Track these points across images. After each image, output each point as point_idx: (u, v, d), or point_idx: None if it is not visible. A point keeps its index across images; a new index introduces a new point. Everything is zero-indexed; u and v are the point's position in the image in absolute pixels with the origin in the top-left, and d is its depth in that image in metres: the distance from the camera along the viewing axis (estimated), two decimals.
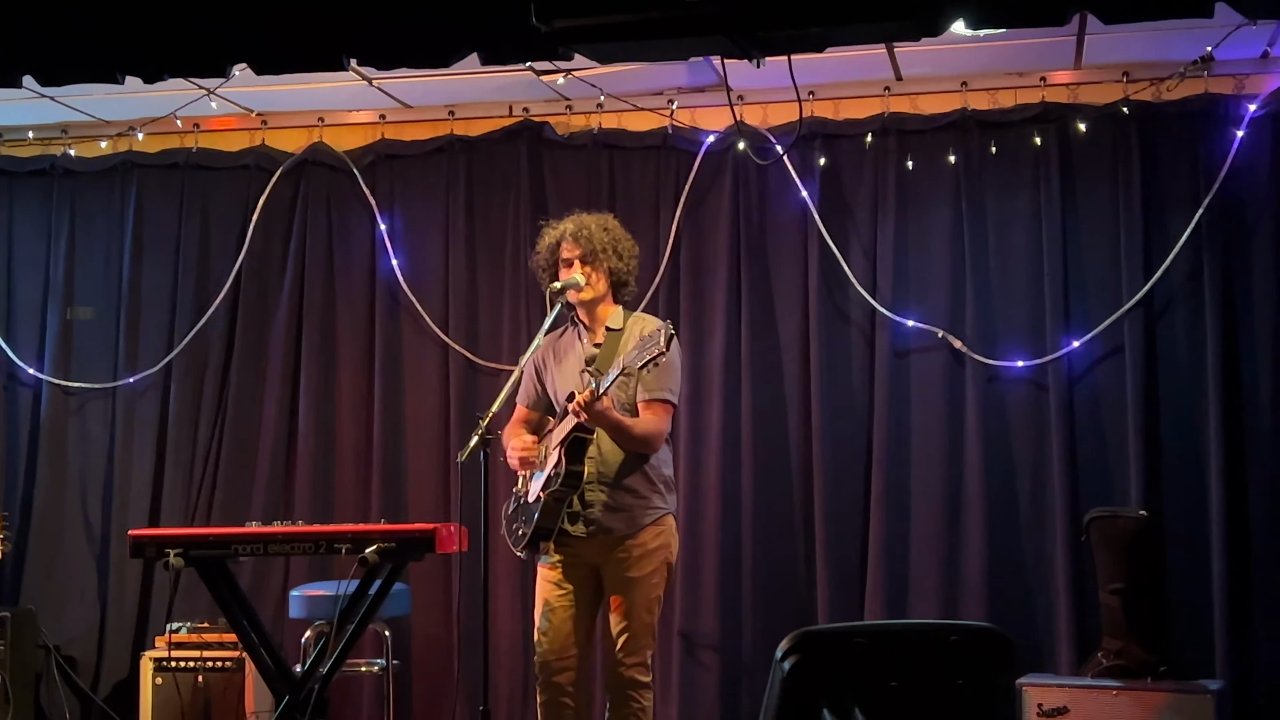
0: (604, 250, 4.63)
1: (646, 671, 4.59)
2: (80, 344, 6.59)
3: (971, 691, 3.01)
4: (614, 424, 4.46)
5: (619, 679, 4.56)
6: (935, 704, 3.00)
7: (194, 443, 6.41)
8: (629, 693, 4.55)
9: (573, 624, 4.60)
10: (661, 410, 4.58)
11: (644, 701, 4.58)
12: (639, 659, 4.56)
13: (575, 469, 4.49)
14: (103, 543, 6.46)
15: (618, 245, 4.68)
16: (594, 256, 4.62)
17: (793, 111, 5.91)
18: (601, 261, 4.64)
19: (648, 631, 4.59)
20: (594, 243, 4.62)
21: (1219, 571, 5.45)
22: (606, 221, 4.73)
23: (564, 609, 4.60)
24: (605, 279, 4.67)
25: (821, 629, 4.41)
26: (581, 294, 4.63)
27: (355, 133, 6.47)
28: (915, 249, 5.91)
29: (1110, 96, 5.72)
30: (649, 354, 4.12)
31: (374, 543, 4.30)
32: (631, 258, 4.75)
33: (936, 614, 5.66)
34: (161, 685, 5.82)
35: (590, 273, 4.63)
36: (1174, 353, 5.66)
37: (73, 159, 6.61)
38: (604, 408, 4.39)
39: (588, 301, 4.66)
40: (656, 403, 4.58)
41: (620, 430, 4.49)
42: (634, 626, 4.55)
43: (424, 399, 6.29)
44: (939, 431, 5.81)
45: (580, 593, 4.63)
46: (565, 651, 4.59)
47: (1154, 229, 5.67)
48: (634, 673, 4.55)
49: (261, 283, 6.47)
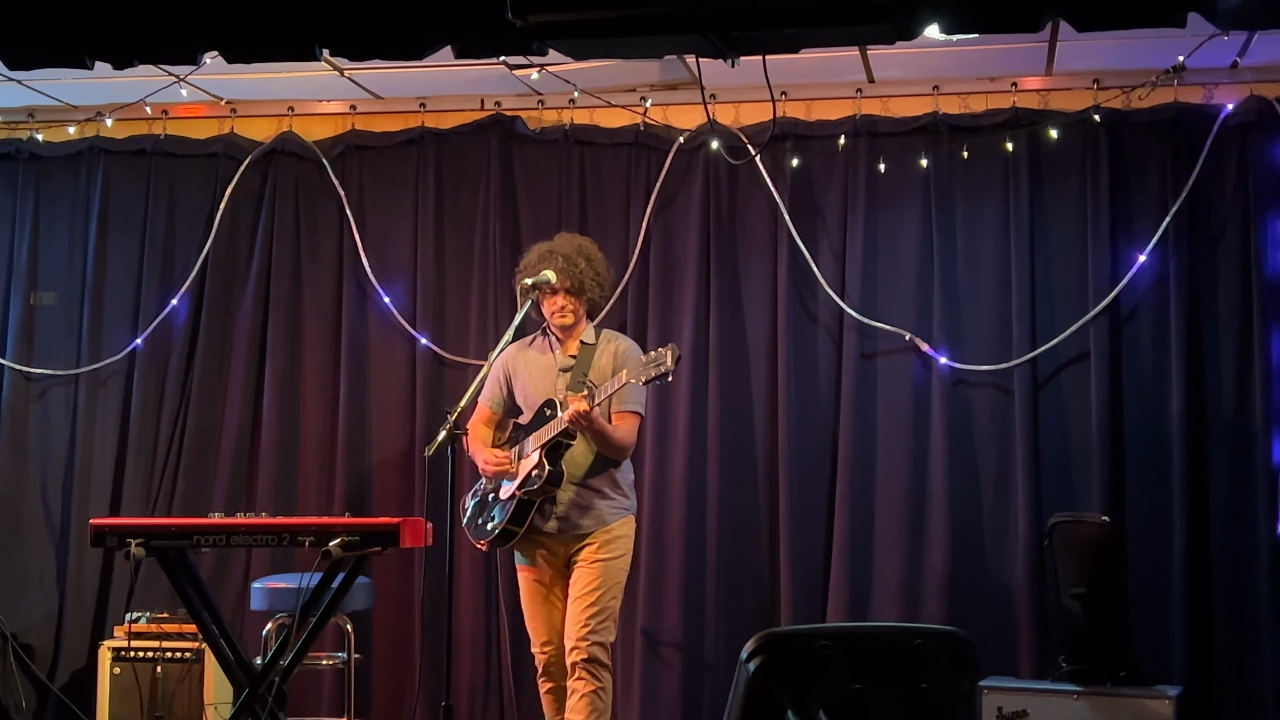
0: (590, 287, 4.95)
1: (608, 654, 4.83)
2: (43, 329, 6.53)
3: (936, 695, 2.98)
4: (600, 431, 4.73)
5: (585, 656, 4.75)
6: (899, 707, 2.97)
7: (156, 432, 6.36)
8: (593, 670, 4.76)
9: (562, 620, 4.85)
10: (634, 421, 4.90)
11: (605, 681, 4.80)
12: (603, 639, 4.80)
13: (556, 470, 4.75)
14: (62, 531, 6.40)
15: (599, 277, 5.00)
16: (580, 290, 4.92)
17: (765, 111, 5.94)
18: (586, 294, 4.92)
19: (612, 615, 4.85)
20: (582, 279, 4.92)
21: (1179, 577, 5.49)
22: (589, 250, 5.01)
23: (555, 610, 4.88)
24: (585, 305, 4.98)
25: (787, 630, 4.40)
26: (564, 319, 4.93)
27: (325, 123, 6.43)
28: (884, 252, 5.92)
29: (1081, 104, 5.74)
30: (655, 372, 4.44)
31: (338, 536, 4.32)
32: (610, 284, 5.13)
33: (899, 615, 5.68)
34: (120, 675, 5.78)
35: (575, 303, 4.92)
36: (1139, 359, 5.69)
37: (39, 143, 6.54)
38: (596, 415, 4.65)
39: (569, 326, 4.95)
40: (629, 414, 4.88)
41: (603, 437, 4.77)
42: (603, 607, 4.79)
43: (390, 392, 6.27)
44: (904, 434, 5.82)
45: (563, 590, 4.89)
46: (561, 648, 4.84)
47: (1121, 236, 5.70)
48: (598, 652, 4.77)
49: (228, 272, 6.42)
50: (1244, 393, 5.56)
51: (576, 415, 4.60)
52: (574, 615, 4.78)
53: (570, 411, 4.62)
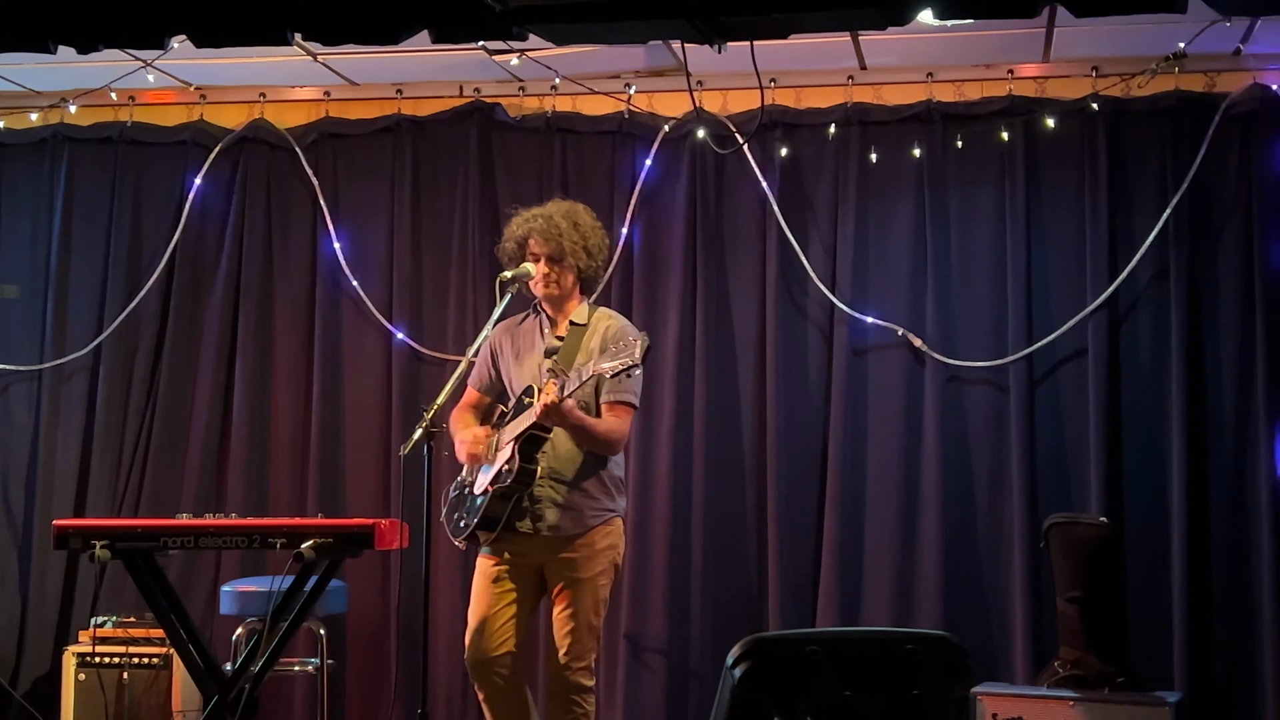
0: (573, 252, 4.57)
1: (590, 675, 4.55)
2: (4, 324, 6.38)
3: (927, 703, 2.96)
4: (576, 425, 4.40)
5: (563, 683, 4.50)
6: (890, 714, 2.95)
7: (123, 430, 6.23)
8: (572, 697, 4.51)
9: (510, 622, 4.53)
10: (624, 413, 4.54)
11: (587, 706, 4.54)
12: (583, 663, 4.51)
13: (528, 467, 4.43)
14: (25, 532, 6.25)
15: (587, 242, 4.62)
16: (561, 256, 4.56)
17: (753, 99, 5.82)
18: (570, 262, 4.57)
19: (593, 634, 4.55)
20: (562, 243, 4.55)
21: (1179, 581, 5.39)
22: (577, 215, 4.65)
23: (504, 602, 4.53)
24: (573, 275, 4.61)
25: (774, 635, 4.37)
26: (548, 290, 4.58)
27: (298, 110, 6.30)
28: (876, 244, 5.82)
29: (1079, 91, 5.64)
30: (622, 363, 4.10)
31: (311, 537, 4.23)
32: (601, 252, 4.70)
33: (890, 619, 5.58)
34: (84, 681, 5.68)
35: (556, 271, 4.56)
36: (1138, 356, 5.60)
37: (0, 130, 6.38)
38: (569, 408, 4.32)
39: (554, 298, 4.61)
40: (620, 405, 4.54)
41: (583, 431, 4.43)
42: (579, 629, 4.50)
43: (365, 388, 6.14)
44: (896, 432, 5.72)
45: (522, 590, 4.57)
46: (499, 649, 4.51)
47: (1120, 229, 5.61)
48: (578, 676, 4.51)
49: (197, 264, 6.28)
50: (1246, 391, 5.47)
51: (546, 408, 4.26)
52: (552, 645, 4.53)
53: (539, 404, 4.29)
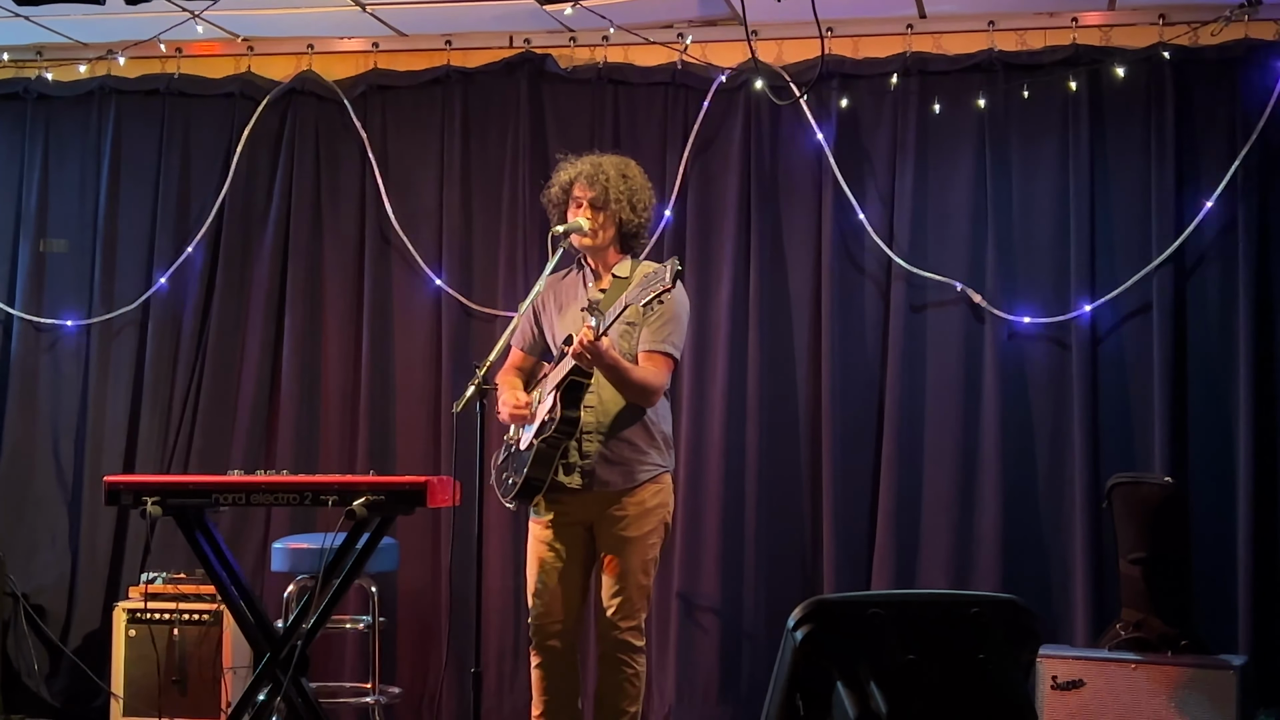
0: (618, 200, 4.48)
1: (640, 635, 4.49)
2: (53, 278, 6.34)
3: (993, 667, 2.89)
4: (612, 365, 4.26)
5: (612, 643, 4.45)
6: (954, 678, 2.88)
7: (172, 385, 6.19)
8: (621, 656, 4.45)
9: (565, 585, 4.48)
10: (663, 363, 4.43)
11: (637, 666, 4.48)
12: (633, 622, 4.45)
13: (571, 414, 4.33)
14: (74, 488, 6.24)
15: (634, 196, 4.52)
16: (605, 203, 4.47)
17: (808, 49, 5.70)
18: (613, 210, 4.48)
19: (643, 594, 4.48)
20: (608, 190, 4.46)
21: (1245, 542, 5.29)
22: (628, 168, 4.56)
23: (556, 570, 4.48)
24: (614, 228, 4.52)
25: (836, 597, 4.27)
26: (585, 239, 4.48)
27: (346, 61, 6.21)
28: (935, 197, 5.70)
29: (1145, 40, 5.49)
30: (652, 290, 3.95)
31: (362, 495, 4.18)
32: (646, 210, 4.58)
33: (948, 581, 5.50)
34: (135, 638, 5.67)
35: (599, 218, 4.47)
36: (1204, 312, 5.47)
37: (48, 83, 6.33)
38: (605, 347, 4.18)
39: (590, 247, 4.52)
40: (659, 354, 4.43)
41: (618, 374, 4.30)
42: (629, 589, 4.43)
43: (414, 344, 6.08)
44: (955, 390, 5.61)
45: (573, 553, 4.51)
46: (559, 613, 4.48)
47: (1187, 181, 5.47)
48: (628, 636, 4.45)
49: (245, 219, 6.22)
50: None
51: (580, 347, 4.12)
52: (602, 604, 4.47)
53: (575, 343, 4.16)
